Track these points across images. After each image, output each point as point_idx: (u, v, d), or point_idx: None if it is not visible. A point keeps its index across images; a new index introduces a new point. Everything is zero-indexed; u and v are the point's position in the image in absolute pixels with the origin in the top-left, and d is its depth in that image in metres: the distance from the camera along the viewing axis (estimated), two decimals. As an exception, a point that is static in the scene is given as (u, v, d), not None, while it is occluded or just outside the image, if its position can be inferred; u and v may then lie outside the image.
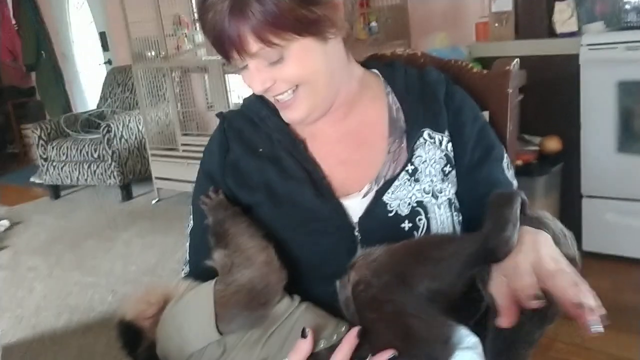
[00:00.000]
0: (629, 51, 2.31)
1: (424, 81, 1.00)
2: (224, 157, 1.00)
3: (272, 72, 0.87)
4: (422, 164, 0.93)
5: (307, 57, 0.87)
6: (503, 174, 0.96)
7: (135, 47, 4.11)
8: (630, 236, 2.49)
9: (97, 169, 4.45)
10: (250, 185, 0.96)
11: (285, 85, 0.89)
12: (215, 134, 1.04)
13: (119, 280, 3.10)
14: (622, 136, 2.45)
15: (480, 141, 0.96)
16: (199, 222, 1.00)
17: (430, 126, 0.95)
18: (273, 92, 0.90)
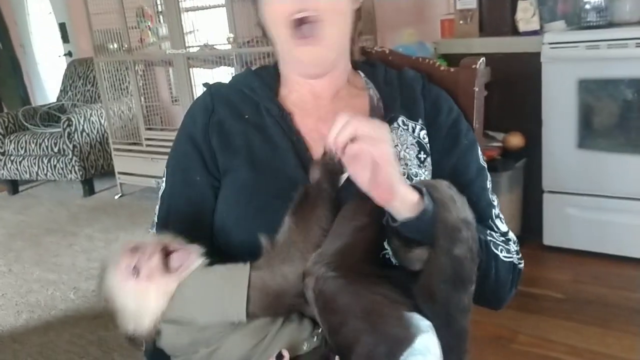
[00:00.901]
0: (589, 50, 2.37)
1: (402, 77, 1.05)
2: (208, 118, 1.02)
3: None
4: (395, 147, 0.96)
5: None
6: (476, 159, 1.00)
7: (97, 39, 4.02)
8: (589, 230, 2.56)
9: (57, 163, 4.34)
10: (233, 148, 0.98)
11: (311, 7, 0.91)
12: (199, 99, 1.06)
13: (81, 276, 3.04)
14: (582, 132, 2.52)
15: (453, 131, 1.00)
16: (172, 186, 1.02)
17: (405, 114, 0.99)
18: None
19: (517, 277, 0.98)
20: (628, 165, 2.42)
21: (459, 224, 0.81)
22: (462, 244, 0.80)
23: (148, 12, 4.08)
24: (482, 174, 1.00)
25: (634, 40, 2.27)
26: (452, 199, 0.82)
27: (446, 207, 0.81)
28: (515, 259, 0.97)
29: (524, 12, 2.65)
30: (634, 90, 2.39)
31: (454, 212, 0.81)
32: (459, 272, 0.81)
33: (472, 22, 2.80)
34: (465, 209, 0.82)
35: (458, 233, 0.80)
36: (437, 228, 0.81)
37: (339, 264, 0.80)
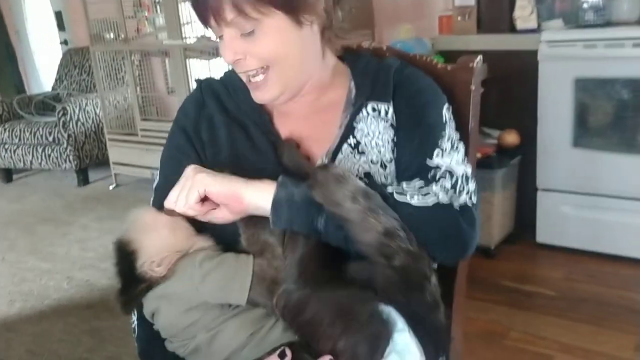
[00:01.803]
0: (586, 49, 2.37)
1: (381, 64, 1.05)
2: (199, 111, 1.05)
3: (245, 45, 0.91)
4: (365, 137, 0.98)
5: (279, 36, 0.91)
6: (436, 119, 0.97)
7: (93, 29, 4.00)
8: (583, 229, 2.58)
9: (52, 152, 4.33)
10: (219, 144, 1.01)
11: (255, 62, 0.93)
12: (191, 94, 1.09)
13: (75, 266, 3.04)
14: (578, 131, 2.52)
15: (416, 110, 0.98)
16: (165, 178, 1.04)
17: (374, 98, 1.00)
18: (243, 67, 0.94)
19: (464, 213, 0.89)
20: (622, 165, 2.43)
21: (381, 239, 0.80)
22: (397, 255, 0.80)
23: (145, 2, 4.06)
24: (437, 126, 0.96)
25: (631, 40, 2.28)
26: (363, 217, 0.80)
27: (360, 227, 0.81)
28: (444, 198, 0.88)
29: (522, 9, 2.65)
30: (630, 90, 2.40)
31: (371, 230, 0.80)
32: (406, 278, 0.81)
33: (470, 19, 2.80)
34: (381, 219, 0.80)
35: (386, 248, 0.80)
36: (365, 250, 0.81)
37: (299, 275, 0.82)
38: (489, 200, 2.57)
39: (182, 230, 0.93)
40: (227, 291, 0.87)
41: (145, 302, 0.93)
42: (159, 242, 0.90)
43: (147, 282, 0.90)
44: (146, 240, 0.91)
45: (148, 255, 0.90)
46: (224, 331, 0.87)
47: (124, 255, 0.91)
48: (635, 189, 2.42)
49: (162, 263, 0.90)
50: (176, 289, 0.89)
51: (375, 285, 0.83)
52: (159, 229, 0.92)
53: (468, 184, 0.93)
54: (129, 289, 0.91)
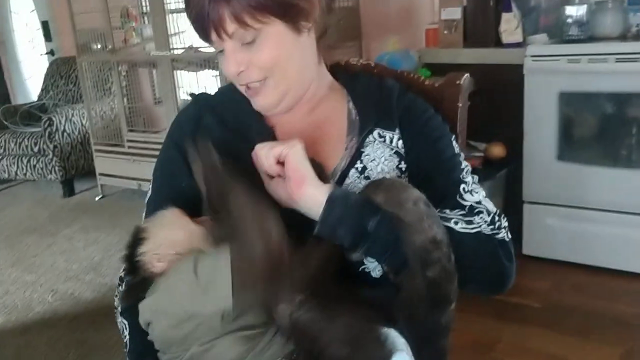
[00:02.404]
0: (570, 63, 2.41)
1: (381, 87, 1.05)
2: (196, 125, 1.03)
3: (247, 55, 0.92)
4: (371, 162, 0.98)
5: (280, 43, 0.92)
6: (449, 146, 1.00)
7: (80, 39, 3.99)
8: (568, 241, 2.60)
9: (37, 163, 4.29)
10: (223, 155, 0.98)
11: (257, 72, 0.94)
12: (185, 108, 1.09)
13: (60, 278, 3.01)
14: (562, 145, 2.55)
15: (426, 127, 1.00)
16: (157, 191, 1.04)
17: (381, 125, 1.00)
18: (246, 78, 0.95)
19: (502, 248, 0.93)
20: (606, 178, 2.46)
21: (427, 245, 0.80)
22: (434, 265, 0.80)
23: (132, 12, 4.06)
24: (454, 159, 0.99)
25: (614, 55, 2.31)
26: (419, 219, 0.81)
27: (413, 229, 0.81)
28: (486, 229, 0.92)
29: (508, 23, 2.68)
30: (613, 105, 2.44)
31: (422, 234, 0.81)
32: (434, 293, 0.81)
33: (456, 33, 2.83)
34: (434, 227, 0.82)
35: (428, 255, 0.80)
36: (408, 252, 0.81)
37: (310, 292, 0.81)
38: None
39: (198, 237, 0.91)
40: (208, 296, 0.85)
41: (141, 309, 0.92)
42: (170, 238, 0.90)
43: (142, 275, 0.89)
44: (158, 234, 0.91)
45: (155, 245, 0.89)
46: (219, 345, 0.86)
47: (134, 240, 0.91)
48: (618, 202, 2.45)
49: (163, 259, 0.89)
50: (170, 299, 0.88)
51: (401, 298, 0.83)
52: (175, 227, 0.91)
53: (502, 220, 0.95)
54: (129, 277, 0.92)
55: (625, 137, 2.48)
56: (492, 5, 2.70)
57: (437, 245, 0.80)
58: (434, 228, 0.81)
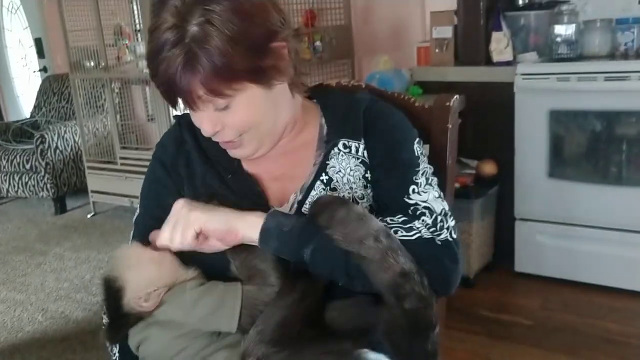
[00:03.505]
0: (560, 82, 2.43)
1: (352, 100, 1.05)
2: (177, 148, 1.05)
3: (221, 117, 0.92)
4: (337, 174, 0.99)
5: (254, 104, 0.92)
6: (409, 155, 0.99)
7: (73, 56, 4.00)
8: (558, 258, 2.61)
9: (29, 180, 4.27)
10: (194, 182, 1.02)
11: (233, 132, 0.94)
12: (170, 130, 1.10)
13: (50, 297, 2.98)
14: (553, 162, 2.57)
15: (390, 152, 0.99)
16: (145, 210, 1.05)
17: (347, 136, 1.00)
18: (222, 137, 0.96)
19: (444, 249, 0.90)
20: (596, 195, 2.48)
21: (397, 280, 0.80)
22: (409, 297, 0.80)
23: (126, 30, 4.07)
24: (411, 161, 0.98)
25: (602, 74, 2.34)
26: (383, 256, 0.81)
27: (379, 267, 0.81)
28: (426, 233, 0.90)
29: (498, 42, 2.71)
30: (602, 123, 2.46)
31: (389, 270, 0.81)
32: (414, 322, 0.81)
33: (447, 51, 2.85)
34: (399, 259, 0.81)
35: (401, 289, 0.80)
36: (379, 288, 0.82)
37: (280, 338, 0.82)
38: (468, 229, 2.59)
39: (168, 264, 0.93)
40: (217, 317, 0.88)
41: (132, 332, 0.93)
42: (145, 277, 0.91)
43: (136, 317, 0.91)
44: (131, 277, 0.91)
45: (134, 291, 0.90)
46: None
47: (110, 292, 0.92)
48: (608, 219, 2.47)
49: (150, 298, 0.90)
50: (167, 316, 0.90)
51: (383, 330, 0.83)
52: (144, 264, 0.93)
53: (447, 220, 0.94)
54: (117, 323, 0.92)
55: (614, 155, 2.50)
56: (482, 24, 2.73)
57: (407, 277, 0.80)
58: (400, 260, 0.81)
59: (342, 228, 0.83)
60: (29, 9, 5.35)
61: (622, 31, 2.54)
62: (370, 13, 3.47)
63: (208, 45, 0.84)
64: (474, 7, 2.73)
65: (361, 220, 0.83)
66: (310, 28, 3.22)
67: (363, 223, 0.83)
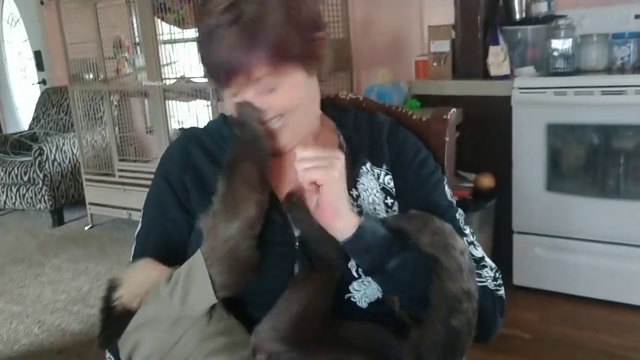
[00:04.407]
0: (557, 96, 2.44)
1: (372, 122, 1.07)
2: (184, 160, 1.04)
3: (266, 100, 0.93)
4: (365, 192, 0.99)
5: (297, 89, 0.95)
6: (444, 196, 1.02)
7: (72, 69, 4.02)
8: (557, 271, 2.60)
9: (26, 192, 4.27)
10: (208, 192, 0.99)
11: (274, 113, 0.95)
12: (175, 142, 1.10)
13: (47, 309, 2.97)
14: (551, 175, 2.57)
15: (421, 171, 1.01)
16: (149, 222, 1.05)
17: (372, 161, 1.01)
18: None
19: (499, 304, 0.97)
20: (594, 209, 2.48)
21: (460, 294, 0.81)
22: (460, 315, 0.80)
23: (125, 43, 4.09)
24: (451, 208, 1.02)
25: (599, 88, 2.35)
26: (460, 269, 0.82)
27: (451, 277, 0.82)
28: (491, 284, 0.96)
29: (495, 56, 2.73)
30: (599, 136, 2.47)
31: (458, 282, 0.81)
32: (452, 342, 0.81)
33: (445, 65, 2.87)
34: (471, 280, 0.83)
35: (458, 304, 0.81)
36: (438, 296, 0.82)
37: (293, 338, 0.81)
38: None
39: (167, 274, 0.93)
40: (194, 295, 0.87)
41: (122, 343, 0.93)
42: (142, 277, 0.93)
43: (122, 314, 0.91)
44: (132, 277, 0.94)
45: (129, 288, 0.92)
46: None
47: (108, 291, 0.93)
48: (606, 232, 2.47)
49: (138, 299, 0.91)
50: (150, 313, 0.90)
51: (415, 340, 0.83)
52: (148, 269, 0.95)
53: (500, 277, 0.99)
54: (106, 322, 0.92)
55: (612, 168, 2.50)
56: (480, 39, 2.75)
57: (469, 297, 0.82)
58: (471, 281, 0.83)
59: (433, 234, 0.84)
60: (28, 22, 5.37)
61: (618, 45, 2.56)
62: (368, 26, 3.49)
63: (265, 25, 0.87)
64: (471, 22, 2.75)
65: (453, 234, 0.86)
66: (309, 41, 3.23)
67: (454, 236, 0.85)
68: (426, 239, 0.84)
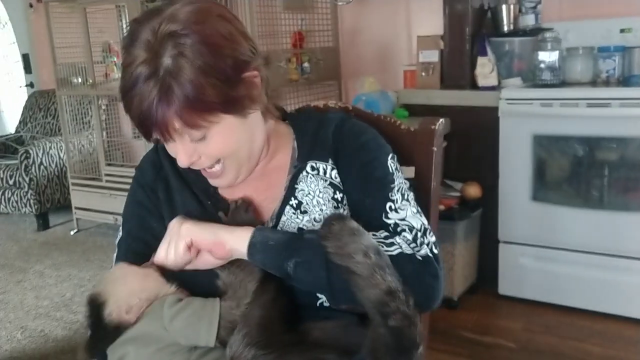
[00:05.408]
0: (543, 107, 2.47)
1: (322, 119, 1.06)
2: (156, 173, 1.06)
3: (197, 148, 0.93)
4: (306, 196, 0.99)
5: (230, 134, 0.93)
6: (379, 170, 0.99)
7: (61, 72, 3.99)
8: (542, 281, 2.62)
9: (11, 196, 4.23)
10: (174, 205, 1.03)
11: (210, 160, 0.96)
12: (148, 154, 1.11)
13: (29, 315, 2.94)
14: (536, 185, 2.60)
15: (360, 154, 1.00)
16: (128, 233, 1.06)
17: (315, 157, 1.02)
18: (199, 165, 0.97)
19: (425, 265, 0.91)
20: (578, 219, 2.51)
21: (383, 298, 0.81)
22: (394, 315, 0.80)
23: (114, 47, 4.08)
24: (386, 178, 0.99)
25: (584, 100, 2.38)
26: (371, 272, 0.82)
27: (367, 282, 0.82)
28: (407, 249, 0.91)
29: (483, 67, 2.75)
30: (584, 148, 2.50)
31: (376, 287, 0.81)
32: (399, 340, 0.81)
33: (433, 75, 2.89)
34: (387, 277, 0.82)
35: (386, 307, 0.81)
36: (365, 305, 0.83)
37: (266, 340, 0.83)
38: (451, 251, 2.60)
39: (152, 278, 0.94)
40: (194, 331, 0.88)
41: (111, 351, 0.93)
42: (128, 288, 0.93)
43: (116, 330, 0.91)
44: (115, 290, 0.93)
45: (116, 302, 0.91)
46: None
47: (94, 307, 0.93)
48: (590, 243, 2.49)
49: (131, 310, 0.91)
50: (145, 330, 0.90)
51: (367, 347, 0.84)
52: (128, 277, 0.94)
53: (427, 236, 0.94)
54: (97, 335, 0.92)
55: (596, 179, 2.53)
56: (468, 49, 2.77)
57: (393, 295, 0.81)
58: (387, 278, 0.82)
59: (335, 241, 0.84)
60: (17, 24, 5.34)
61: (603, 59, 2.59)
62: (357, 36, 3.51)
63: (182, 78, 0.85)
64: (459, 32, 2.77)
65: (353, 235, 0.84)
66: (298, 49, 3.25)
67: (355, 238, 0.84)
68: (331, 249, 0.85)
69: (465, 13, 2.74)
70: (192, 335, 0.88)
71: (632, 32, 2.63)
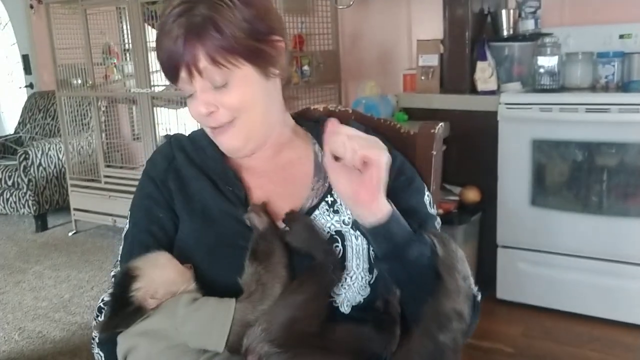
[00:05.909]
0: (542, 112, 2.48)
1: None
2: (167, 164, 1.07)
3: (216, 97, 0.94)
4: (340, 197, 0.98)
5: (249, 86, 0.95)
6: (421, 203, 1.02)
7: (60, 74, 4.00)
8: (540, 286, 2.62)
9: (10, 197, 4.23)
10: (188, 193, 1.03)
11: (225, 114, 0.96)
12: (160, 148, 1.11)
13: (28, 316, 2.93)
14: (535, 190, 2.60)
15: (398, 177, 1.01)
16: (135, 224, 1.06)
17: None
18: (215, 120, 0.97)
19: (477, 308, 0.95)
20: (577, 224, 2.51)
21: (451, 313, 0.83)
22: (449, 333, 0.82)
23: (114, 49, 4.09)
24: (430, 217, 1.02)
25: (583, 106, 2.39)
26: (458, 292, 0.84)
27: (448, 295, 0.84)
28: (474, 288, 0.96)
29: (482, 72, 2.76)
30: (583, 153, 2.50)
31: (452, 303, 0.83)
32: (438, 358, 0.82)
33: (433, 79, 2.90)
34: (466, 305, 0.85)
35: (448, 322, 0.82)
36: (429, 312, 0.84)
37: (285, 339, 0.82)
38: None
39: (186, 278, 0.94)
40: (205, 334, 0.87)
41: (122, 339, 0.93)
42: (163, 277, 0.93)
43: (135, 308, 0.90)
44: (152, 273, 0.93)
45: (149, 283, 0.91)
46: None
47: (125, 277, 0.92)
48: (589, 248, 2.49)
49: (156, 297, 0.91)
50: (158, 326, 0.90)
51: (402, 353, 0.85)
52: (167, 269, 0.94)
53: None
54: (116, 314, 0.92)
55: (595, 184, 2.54)
56: (467, 54, 2.78)
57: (460, 318, 0.83)
58: (465, 306, 0.84)
59: (447, 252, 0.87)
60: (17, 25, 5.35)
61: (602, 64, 2.60)
62: (358, 39, 3.52)
63: (214, 19, 0.90)
64: (459, 37, 2.78)
65: (462, 260, 0.88)
66: (298, 52, 3.25)
67: (463, 262, 0.87)
68: (440, 251, 0.87)
69: (465, 17, 2.75)
70: (202, 339, 0.87)
71: (631, 37, 2.64)
